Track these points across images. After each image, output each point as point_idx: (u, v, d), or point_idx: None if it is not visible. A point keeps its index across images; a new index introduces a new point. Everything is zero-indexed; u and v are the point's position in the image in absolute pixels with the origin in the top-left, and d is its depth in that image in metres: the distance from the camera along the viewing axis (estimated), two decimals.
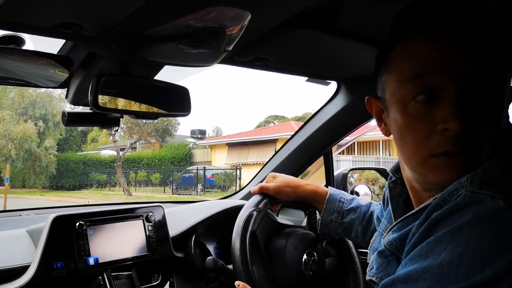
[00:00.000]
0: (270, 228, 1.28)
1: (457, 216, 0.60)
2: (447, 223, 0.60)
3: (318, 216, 1.29)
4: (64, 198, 15.76)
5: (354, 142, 16.67)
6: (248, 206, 1.21)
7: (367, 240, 1.18)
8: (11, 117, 18.23)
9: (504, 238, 0.56)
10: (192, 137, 24.80)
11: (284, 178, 1.29)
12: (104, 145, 25.29)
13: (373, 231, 1.17)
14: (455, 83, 0.64)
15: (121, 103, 1.12)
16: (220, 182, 18.63)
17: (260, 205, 1.22)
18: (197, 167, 19.70)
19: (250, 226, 1.16)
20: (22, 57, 0.94)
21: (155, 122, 19.70)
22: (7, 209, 1.55)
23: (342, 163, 13.05)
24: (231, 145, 20.70)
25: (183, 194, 17.72)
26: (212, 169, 19.51)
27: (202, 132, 25.48)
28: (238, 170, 18.32)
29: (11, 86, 15.85)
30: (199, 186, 18.39)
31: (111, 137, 21.12)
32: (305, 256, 1.27)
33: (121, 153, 19.51)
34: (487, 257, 0.55)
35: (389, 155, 15.90)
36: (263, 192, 1.26)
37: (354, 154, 16.77)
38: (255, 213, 1.19)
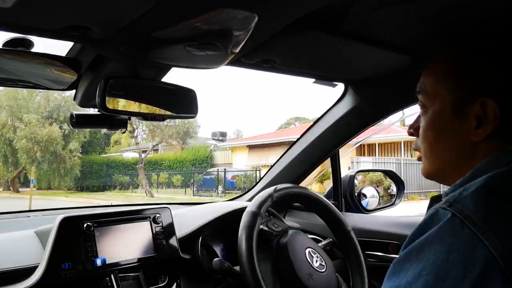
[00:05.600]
0: (274, 230, 1.31)
1: (426, 232, 0.60)
2: (417, 239, 0.61)
3: None
4: (88, 200, 15.84)
5: (375, 143, 16.56)
6: (252, 207, 1.25)
7: None
8: (37, 120, 18.40)
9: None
10: (213, 139, 24.78)
11: None
12: (127, 147, 25.38)
13: None
14: None
15: (129, 105, 1.13)
16: (240, 184, 18.50)
17: (262, 209, 1.26)
18: (218, 169, 19.64)
19: (256, 228, 1.18)
20: (31, 59, 0.95)
21: (177, 124, 19.80)
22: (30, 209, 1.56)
23: (362, 165, 13.01)
24: (252, 147, 20.61)
25: (204, 196, 17.70)
26: (233, 171, 19.43)
27: (223, 134, 25.44)
28: (258, 172, 18.14)
29: (37, 90, 16.01)
30: (220, 188, 18.35)
31: (134, 140, 21.20)
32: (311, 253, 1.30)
33: (143, 155, 19.59)
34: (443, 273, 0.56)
35: (411, 157, 15.55)
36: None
37: (375, 155, 16.65)
38: (259, 211, 1.23)
